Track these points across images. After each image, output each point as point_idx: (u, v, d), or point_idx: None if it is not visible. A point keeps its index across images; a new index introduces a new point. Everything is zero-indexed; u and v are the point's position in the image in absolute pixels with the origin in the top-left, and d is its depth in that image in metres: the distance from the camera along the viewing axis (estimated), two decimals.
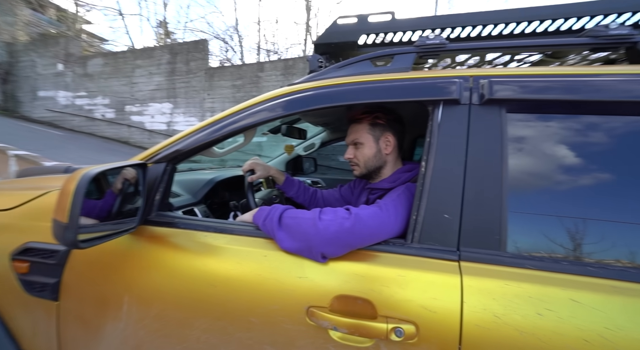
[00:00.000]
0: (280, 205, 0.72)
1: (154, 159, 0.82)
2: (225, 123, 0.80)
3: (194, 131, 0.82)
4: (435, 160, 0.66)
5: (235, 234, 0.73)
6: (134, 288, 0.73)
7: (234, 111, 0.82)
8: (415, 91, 0.71)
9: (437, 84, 0.70)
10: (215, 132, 0.80)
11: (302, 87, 0.80)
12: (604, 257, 0.55)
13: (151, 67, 8.78)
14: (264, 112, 0.79)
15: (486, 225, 0.60)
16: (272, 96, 0.81)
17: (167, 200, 0.86)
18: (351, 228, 0.60)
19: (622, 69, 0.61)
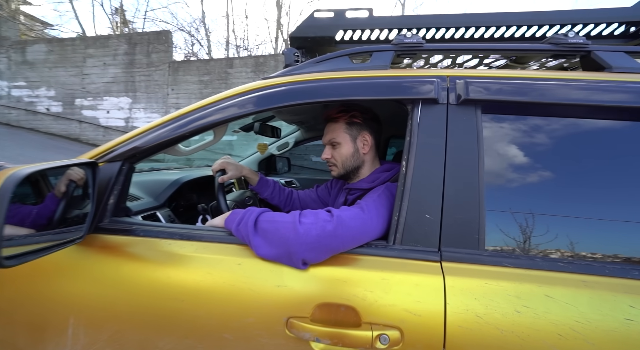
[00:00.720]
0: (255, 208, 0.67)
1: (107, 157, 0.72)
2: (191, 118, 0.72)
3: (156, 126, 0.73)
4: (416, 159, 0.65)
5: (204, 240, 0.66)
6: (82, 308, 0.63)
7: (201, 105, 0.75)
8: (395, 89, 0.70)
9: (416, 82, 0.69)
10: (180, 128, 0.72)
11: (276, 82, 0.76)
12: (571, 252, 0.58)
13: (106, 58, 8.02)
14: (234, 107, 0.72)
15: (465, 225, 0.61)
16: (244, 90, 0.75)
17: (124, 204, 0.76)
18: (334, 231, 0.57)
19: (591, 76, 0.65)
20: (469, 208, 0.61)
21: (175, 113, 0.76)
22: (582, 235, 0.59)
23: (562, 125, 0.64)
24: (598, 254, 0.57)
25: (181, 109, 0.76)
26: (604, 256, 0.57)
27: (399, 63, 0.97)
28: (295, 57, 0.87)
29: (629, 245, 0.58)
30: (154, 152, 0.77)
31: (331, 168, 0.89)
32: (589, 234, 0.59)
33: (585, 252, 0.58)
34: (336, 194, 1.00)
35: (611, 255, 0.57)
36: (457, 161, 0.64)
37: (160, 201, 0.98)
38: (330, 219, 0.59)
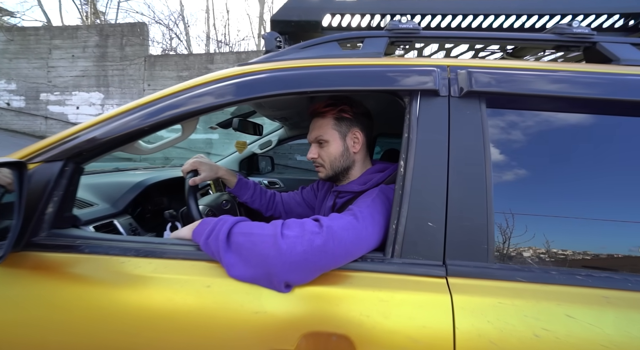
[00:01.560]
0: (229, 216, 0.56)
1: (44, 156, 0.59)
2: (153, 109, 0.60)
3: (107, 119, 0.61)
4: (416, 158, 0.57)
5: (166, 257, 0.54)
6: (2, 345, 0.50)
7: (167, 94, 0.63)
8: (391, 79, 0.61)
9: (414, 72, 0.61)
10: (138, 120, 0.59)
11: (256, 69, 0.65)
12: (591, 264, 0.52)
13: (74, 50, 7.50)
14: (207, 96, 0.61)
15: (472, 233, 0.53)
16: (218, 77, 0.64)
17: (69, 213, 0.63)
18: (323, 246, 0.48)
19: (606, 68, 0.60)
20: (475, 214, 0.54)
21: (132, 103, 0.63)
22: (601, 242, 0.53)
23: (576, 120, 0.58)
24: (620, 263, 0.51)
25: (140, 99, 0.64)
26: (627, 265, 0.51)
27: (391, 53, 0.89)
28: (277, 43, 0.76)
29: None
30: (107, 150, 0.64)
31: (318, 169, 0.79)
32: (610, 241, 0.53)
33: (605, 262, 0.52)
34: (323, 197, 0.90)
35: (634, 265, 0.51)
36: (461, 160, 0.56)
37: (118, 207, 0.84)
38: (319, 231, 0.49)
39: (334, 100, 0.76)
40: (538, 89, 0.57)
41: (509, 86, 0.58)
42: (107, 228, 0.78)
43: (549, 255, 0.53)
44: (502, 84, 0.58)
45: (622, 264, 0.52)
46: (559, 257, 0.53)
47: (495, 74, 0.59)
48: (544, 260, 0.53)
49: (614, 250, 0.53)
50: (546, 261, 0.53)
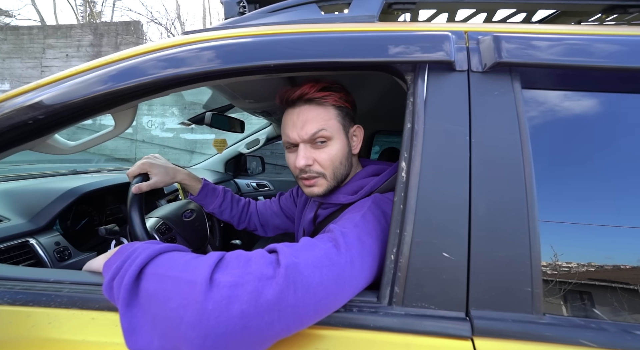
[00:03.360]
0: (151, 243, 0.38)
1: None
2: (49, 93, 0.43)
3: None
4: (424, 158, 0.39)
5: (55, 305, 0.37)
6: None
7: (78, 71, 0.46)
8: (387, 48, 0.44)
9: (420, 38, 0.44)
10: (28, 110, 0.42)
11: (205, 37, 0.48)
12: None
13: (68, 49, 7.39)
14: (134, 70, 0.44)
15: (509, 268, 0.36)
16: (155, 47, 0.47)
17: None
18: (277, 301, 0.29)
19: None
20: (513, 238, 0.36)
21: (39, 81, 0.46)
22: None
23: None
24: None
25: (52, 75, 0.47)
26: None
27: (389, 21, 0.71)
28: (240, 8, 0.59)
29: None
30: (4, 147, 0.47)
31: (313, 183, 0.55)
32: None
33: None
34: (303, 206, 0.72)
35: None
36: (489, 160, 0.39)
37: (39, 223, 0.66)
38: (273, 274, 0.31)
39: (328, 84, 0.55)
40: (601, 60, 0.39)
41: (555, 56, 0.40)
42: (19, 250, 0.60)
43: (631, 302, 0.35)
44: (545, 53, 0.41)
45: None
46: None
47: (533, 39, 0.41)
48: (624, 311, 0.35)
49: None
50: (627, 313, 0.35)
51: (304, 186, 0.57)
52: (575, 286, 0.36)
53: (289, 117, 0.56)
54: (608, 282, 0.36)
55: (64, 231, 0.72)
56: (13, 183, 0.78)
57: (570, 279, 0.36)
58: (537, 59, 0.40)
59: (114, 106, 0.49)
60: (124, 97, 0.47)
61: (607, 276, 0.36)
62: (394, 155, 1.48)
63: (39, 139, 0.49)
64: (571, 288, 0.36)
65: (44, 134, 0.48)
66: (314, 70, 0.47)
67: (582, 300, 0.36)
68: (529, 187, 0.38)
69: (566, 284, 0.36)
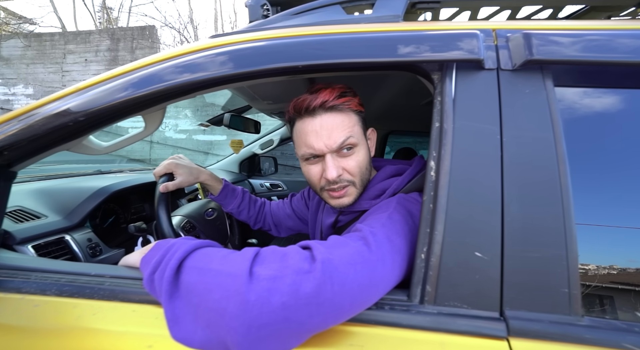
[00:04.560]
0: (188, 240, 0.40)
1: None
2: (89, 96, 0.45)
3: (35, 108, 0.46)
4: (454, 158, 0.39)
5: (98, 297, 0.38)
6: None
7: (116, 74, 0.48)
8: (415, 47, 0.44)
9: (447, 37, 0.43)
10: (70, 112, 0.44)
11: (233, 40, 0.49)
12: None
13: (87, 54, 7.65)
14: (166, 73, 0.45)
15: (544, 268, 0.35)
16: (178, 53, 0.48)
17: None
18: (316, 294, 0.30)
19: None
20: (548, 238, 0.36)
21: (73, 87, 0.48)
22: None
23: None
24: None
25: (85, 81, 0.49)
26: None
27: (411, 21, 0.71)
28: (264, 11, 0.60)
29: None
30: (42, 149, 0.50)
31: (342, 194, 0.53)
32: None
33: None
34: (316, 209, 0.71)
35: None
36: (522, 159, 0.38)
37: (73, 220, 0.69)
38: (310, 269, 0.32)
39: (343, 89, 0.53)
40: (634, 55, 0.38)
41: (587, 52, 0.40)
42: (56, 246, 0.63)
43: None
44: (576, 49, 0.40)
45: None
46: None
47: (564, 35, 0.41)
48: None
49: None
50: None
51: (330, 198, 0.54)
52: (614, 288, 0.35)
53: (309, 126, 0.52)
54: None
55: (94, 228, 0.75)
56: (45, 182, 0.82)
57: (609, 281, 0.35)
58: (568, 56, 0.39)
59: (146, 108, 0.50)
60: (155, 99, 0.48)
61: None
62: (409, 155, 1.47)
63: (77, 140, 0.52)
64: (609, 290, 0.35)
65: (82, 135, 0.50)
66: (341, 71, 0.48)
67: (624, 302, 0.35)
68: (564, 186, 0.37)
69: (605, 287, 0.35)
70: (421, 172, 0.56)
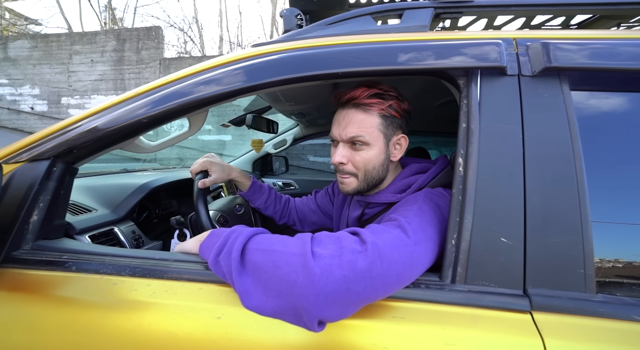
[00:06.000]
0: (243, 227, 0.45)
1: (27, 154, 0.50)
2: (149, 100, 0.50)
3: (101, 111, 0.51)
4: (481, 154, 0.44)
5: (168, 277, 0.44)
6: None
7: (167, 81, 0.53)
8: (442, 55, 0.48)
9: (472, 45, 0.48)
10: (136, 112, 0.50)
11: (275, 49, 0.54)
12: None
13: (93, 54, 7.72)
14: (213, 83, 0.51)
15: (562, 252, 0.40)
16: (228, 60, 0.54)
17: (60, 221, 0.54)
18: (369, 270, 0.36)
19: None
20: (565, 226, 0.41)
21: (129, 93, 0.54)
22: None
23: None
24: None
25: (138, 88, 0.54)
26: None
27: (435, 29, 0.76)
28: (298, 21, 0.65)
29: None
30: (103, 148, 0.55)
31: (344, 179, 0.60)
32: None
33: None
34: (342, 204, 0.77)
35: None
36: (542, 156, 0.43)
37: (120, 214, 0.75)
38: (362, 249, 0.37)
39: (380, 89, 0.58)
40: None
41: (599, 60, 0.44)
42: (106, 237, 0.69)
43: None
44: (592, 57, 0.45)
45: None
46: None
47: (580, 45, 0.45)
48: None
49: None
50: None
51: (339, 180, 0.62)
52: (625, 268, 0.40)
53: (337, 115, 0.60)
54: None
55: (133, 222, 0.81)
56: (84, 179, 0.88)
57: (620, 262, 0.40)
58: (582, 63, 0.44)
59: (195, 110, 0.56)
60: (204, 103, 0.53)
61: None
62: (421, 154, 1.52)
63: (131, 139, 0.57)
64: (620, 270, 0.40)
65: (139, 134, 0.56)
66: (375, 76, 0.53)
67: (632, 281, 0.40)
68: (580, 179, 0.42)
69: (616, 266, 0.40)
70: (444, 169, 0.61)
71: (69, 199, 0.56)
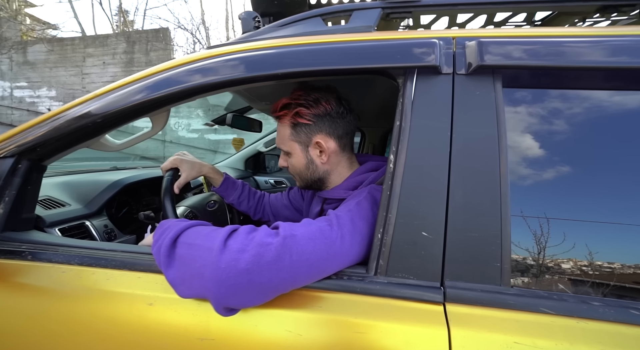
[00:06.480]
0: (182, 221, 0.48)
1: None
2: (105, 101, 0.53)
3: (60, 112, 0.55)
4: (409, 151, 0.45)
5: (112, 267, 0.47)
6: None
7: (123, 83, 0.56)
8: (379, 55, 0.50)
9: (408, 45, 0.49)
10: (90, 114, 0.53)
11: (223, 51, 0.56)
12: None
13: (105, 57, 7.98)
14: (164, 82, 0.53)
15: (481, 246, 0.41)
16: (181, 62, 0.56)
17: (28, 214, 0.58)
18: (276, 262, 0.38)
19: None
20: (486, 221, 0.41)
21: (86, 96, 0.57)
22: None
23: (623, 100, 0.44)
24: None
25: (91, 92, 0.57)
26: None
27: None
28: (255, 23, 0.67)
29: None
30: (67, 146, 0.59)
31: (294, 177, 0.68)
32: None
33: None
34: (310, 200, 0.79)
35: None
36: (468, 153, 0.44)
37: (92, 208, 0.80)
38: (272, 241, 0.39)
39: (291, 99, 0.60)
40: (577, 60, 0.43)
41: (533, 58, 0.45)
42: (77, 230, 0.73)
43: (588, 277, 0.39)
44: (525, 55, 0.45)
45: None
46: (603, 281, 0.40)
47: (515, 43, 0.46)
48: (582, 284, 0.39)
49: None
50: (584, 286, 0.39)
51: None
52: (538, 264, 0.41)
53: None
54: (570, 260, 0.40)
55: (110, 217, 0.85)
56: (69, 176, 0.93)
57: (534, 257, 0.41)
58: (516, 61, 0.45)
59: (152, 110, 0.59)
60: (161, 102, 0.56)
61: (571, 255, 0.40)
62: None
63: (95, 138, 0.61)
64: (534, 265, 0.41)
65: (99, 134, 0.59)
66: (315, 76, 0.54)
67: (545, 276, 0.41)
68: (504, 176, 0.42)
69: (531, 262, 0.41)
70: None
71: (37, 194, 0.60)
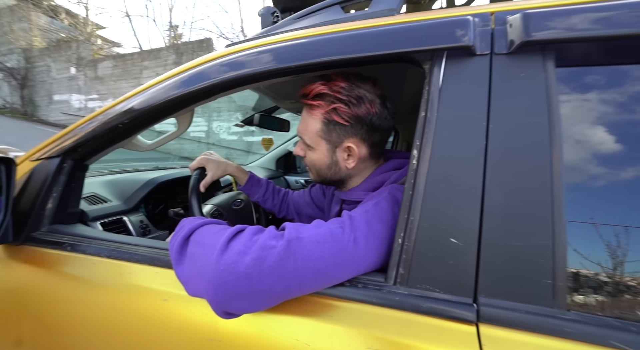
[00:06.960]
0: (196, 219, 0.48)
1: (44, 153, 0.60)
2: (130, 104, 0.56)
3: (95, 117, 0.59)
4: (435, 145, 0.40)
5: (134, 261, 0.49)
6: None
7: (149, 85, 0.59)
8: (402, 39, 0.45)
9: (435, 25, 0.43)
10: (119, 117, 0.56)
11: (242, 48, 0.56)
12: None
13: (158, 68, 8.82)
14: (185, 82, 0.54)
15: (526, 258, 0.34)
16: (199, 62, 0.57)
17: (74, 209, 0.64)
18: (278, 267, 0.35)
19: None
20: (533, 227, 0.34)
21: (115, 101, 0.61)
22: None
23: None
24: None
25: (119, 97, 0.61)
26: None
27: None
28: (273, 18, 0.66)
29: None
30: (104, 146, 0.63)
31: (307, 168, 0.61)
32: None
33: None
34: (330, 199, 0.75)
35: None
36: (509, 146, 0.37)
37: (130, 205, 0.86)
38: (276, 244, 0.36)
39: (329, 90, 0.50)
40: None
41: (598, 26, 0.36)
42: (116, 224, 0.79)
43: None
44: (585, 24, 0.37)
45: None
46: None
47: (572, 11, 0.38)
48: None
49: None
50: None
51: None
52: (604, 283, 0.32)
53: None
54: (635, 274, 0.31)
55: (147, 213, 0.91)
56: (114, 175, 1.02)
57: (598, 274, 0.32)
58: (571, 33, 0.37)
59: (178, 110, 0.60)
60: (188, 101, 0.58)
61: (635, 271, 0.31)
62: None
63: (128, 139, 0.65)
64: (598, 285, 0.32)
65: (130, 135, 0.63)
66: (335, 67, 0.51)
67: (614, 299, 0.32)
68: (557, 174, 0.35)
69: (593, 279, 0.33)
70: None
71: (81, 191, 0.65)
